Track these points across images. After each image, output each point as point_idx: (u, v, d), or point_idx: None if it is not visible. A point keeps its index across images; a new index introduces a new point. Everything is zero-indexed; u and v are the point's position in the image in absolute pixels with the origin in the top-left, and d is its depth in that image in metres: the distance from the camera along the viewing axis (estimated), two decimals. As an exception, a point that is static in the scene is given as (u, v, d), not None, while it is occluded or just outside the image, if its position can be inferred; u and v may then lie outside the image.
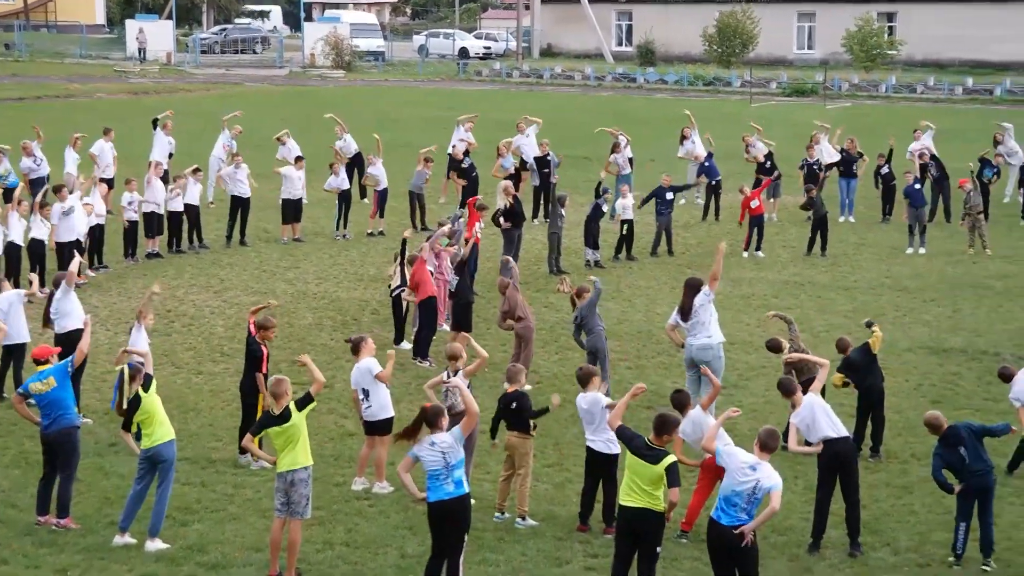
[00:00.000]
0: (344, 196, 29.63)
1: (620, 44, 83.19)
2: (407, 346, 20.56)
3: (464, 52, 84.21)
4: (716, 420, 12.94)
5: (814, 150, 32.15)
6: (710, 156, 32.06)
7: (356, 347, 15.16)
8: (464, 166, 31.21)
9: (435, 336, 20.42)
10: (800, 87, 65.72)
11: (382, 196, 29.78)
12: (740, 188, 28.61)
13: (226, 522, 14.11)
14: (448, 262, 21.22)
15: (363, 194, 32.39)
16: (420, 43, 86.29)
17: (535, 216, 30.80)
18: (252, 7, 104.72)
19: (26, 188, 27.60)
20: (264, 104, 54.95)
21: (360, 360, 15.03)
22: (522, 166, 32.17)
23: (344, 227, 29.63)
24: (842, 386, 16.41)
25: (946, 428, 13.47)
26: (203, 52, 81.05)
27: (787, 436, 14.21)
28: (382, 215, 29.93)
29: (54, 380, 13.88)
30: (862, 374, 16.22)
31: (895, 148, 32.01)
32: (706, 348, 17.06)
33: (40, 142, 29.98)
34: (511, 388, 14.42)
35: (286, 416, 12.62)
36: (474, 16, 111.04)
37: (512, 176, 30.25)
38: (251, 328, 15.82)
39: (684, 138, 33.56)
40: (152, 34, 77.07)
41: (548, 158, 31.20)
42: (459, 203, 29.38)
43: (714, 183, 31.81)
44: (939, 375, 19.92)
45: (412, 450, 12.19)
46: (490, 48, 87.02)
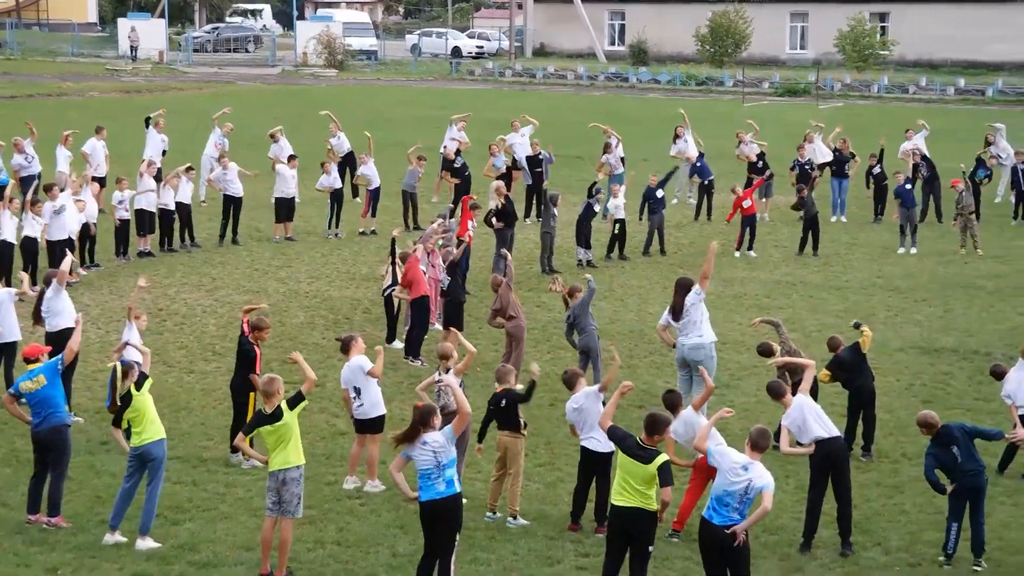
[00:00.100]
0: (336, 195, 29.61)
1: (613, 44, 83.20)
2: (399, 345, 20.55)
3: (457, 51, 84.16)
4: (708, 420, 12.95)
5: (804, 150, 32.17)
6: (701, 156, 32.09)
7: (346, 346, 15.17)
8: (456, 165, 31.20)
9: (427, 335, 20.42)
10: (792, 87, 65.77)
11: (374, 195, 29.76)
12: (732, 188, 28.59)
13: (217, 521, 14.10)
14: (440, 261, 21.23)
15: (355, 193, 32.37)
16: (413, 42, 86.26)
17: (527, 215, 30.79)
18: (243, 5, 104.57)
19: (16, 186, 27.57)
20: (256, 103, 54.90)
21: (350, 359, 15.04)
22: (514, 165, 32.15)
23: (336, 226, 29.61)
24: (828, 381, 16.41)
25: (940, 427, 13.48)
26: (195, 51, 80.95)
27: (779, 437, 14.23)
28: (374, 214, 29.92)
29: (44, 378, 13.87)
30: (852, 374, 16.24)
31: (886, 148, 32.03)
32: (698, 348, 17.09)
33: (34, 139, 29.89)
34: (500, 388, 14.45)
35: (278, 415, 12.62)
36: (467, 15, 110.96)
37: (503, 175, 30.24)
38: (244, 327, 15.80)
39: (677, 137, 33.57)
40: (144, 33, 77.00)
41: (540, 157, 31.19)
42: (452, 202, 29.42)
43: (706, 183, 31.82)
44: (930, 375, 19.94)
45: (404, 450, 12.20)
46: (483, 47, 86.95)
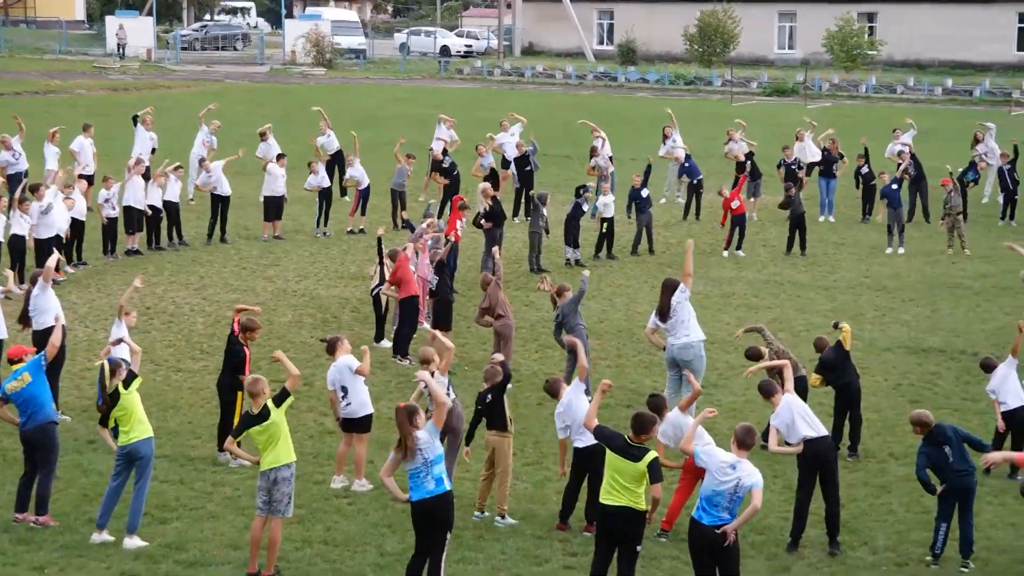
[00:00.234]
0: (325, 194, 29.58)
1: (601, 43, 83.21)
2: (387, 344, 20.54)
3: (445, 50, 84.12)
4: (693, 423, 12.89)
5: (790, 151, 32.23)
6: (689, 157, 32.10)
7: (332, 347, 15.15)
8: (445, 165, 31.14)
9: (415, 335, 20.40)
10: (781, 87, 65.83)
11: (364, 194, 29.72)
12: (719, 191, 28.50)
13: (205, 520, 14.08)
14: (428, 260, 21.20)
15: (343, 192, 32.31)
16: (401, 41, 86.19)
17: (515, 215, 30.78)
18: (230, 3, 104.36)
19: (3, 183, 27.48)
20: (245, 101, 54.81)
21: (336, 359, 15.02)
22: (503, 165, 32.15)
23: (324, 224, 29.58)
24: (821, 385, 16.48)
25: (933, 427, 13.49)
26: (183, 49, 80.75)
27: (767, 437, 14.24)
28: (364, 213, 29.89)
29: (29, 375, 13.83)
30: (837, 372, 16.28)
31: (870, 148, 32.02)
32: (687, 347, 17.06)
33: (22, 135, 29.75)
34: (486, 387, 14.47)
35: (265, 415, 12.61)
36: (455, 14, 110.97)
37: (491, 176, 30.22)
38: (234, 327, 15.77)
39: (666, 137, 33.60)
40: (132, 30, 76.78)
41: (527, 153, 31.17)
42: (441, 201, 29.40)
43: (695, 182, 31.84)
44: (918, 375, 19.97)
45: (392, 454, 12.15)
46: (471, 46, 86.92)
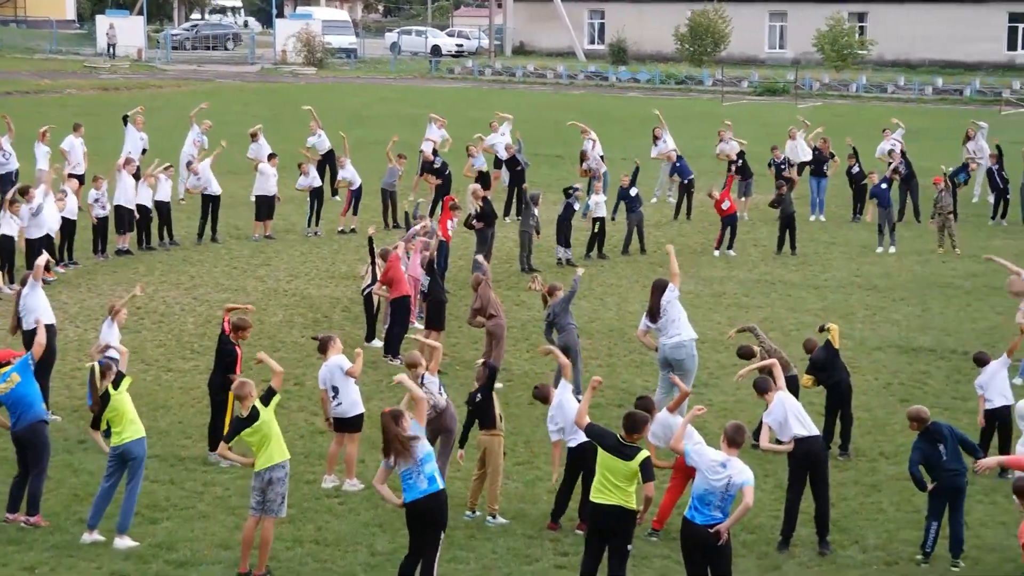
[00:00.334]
0: (316, 193, 29.56)
1: (592, 42, 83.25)
2: (378, 344, 20.53)
3: (436, 50, 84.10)
4: (682, 421, 12.88)
5: (778, 151, 32.28)
6: (680, 157, 32.10)
7: (323, 346, 15.13)
8: (436, 165, 31.11)
9: (406, 334, 20.39)
10: (771, 86, 65.91)
11: (356, 194, 29.70)
12: (709, 192, 28.41)
13: (195, 520, 14.07)
14: (419, 261, 21.19)
15: (335, 192, 32.29)
16: (392, 40, 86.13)
17: (506, 214, 30.77)
18: (220, 2, 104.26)
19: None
20: (235, 101, 54.75)
21: (328, 358, 15.01)
22: (495, 165, 32.15)
23: (316, 224, 29.56)
24: (813, 386, 16.50)
25: (929, 423, 13.50)
26: (174, 48, 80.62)
27: (759, 435, 14.23)
28: (356, 212, 29.87)
29: (17, 376, 13.78)
30: (827, 372, 16.30)
31: (858, 148, 32.01)
32: (679, 346, 17.01)
33: (11, 135, 29.68)
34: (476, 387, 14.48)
35: (254, 416, 12.61)
36: (446, 13, 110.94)
37: (482, 176, 30.21)
38: (225, 326, 15.75)
39: (656, 138, 33.61)
40: (123, 30, 76.66)
41: (517, 156, 31.17)
42: (432, 201, 29.39)
43: (686, 182, 31.85)
44: (908, 374, 20.00)
45: (384, 461, 12.11)
46: (462, 46, 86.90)
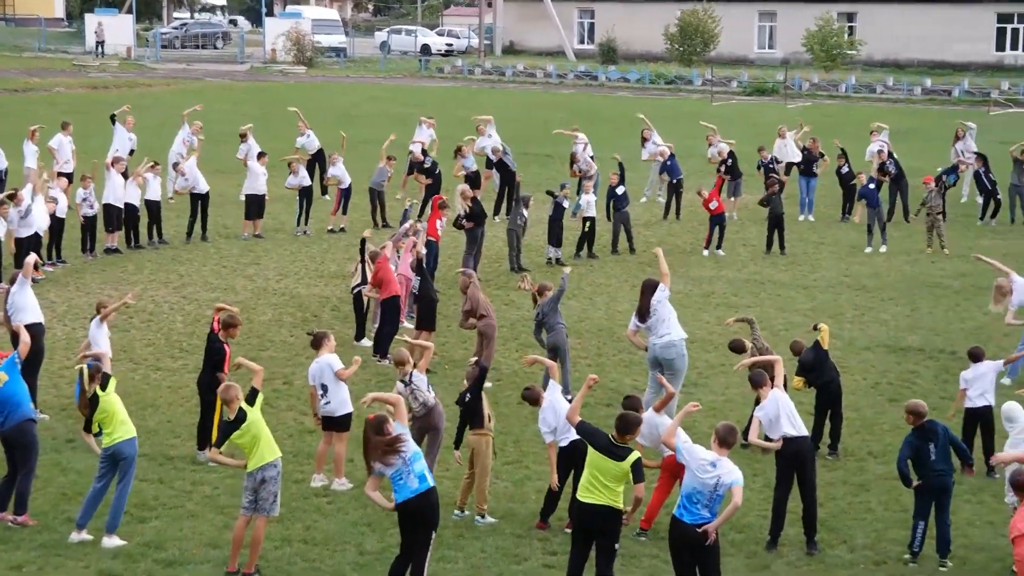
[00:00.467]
0: (305, 192, 29.54)
1: (582, 42, 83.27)
2: (367, 343, 20.53)
3: (426, 49, 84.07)
4: (676, 417, 12.93)
5: (766, 152, 32.34)
6: (672, 156, 32.13)
7: (317, 341, 15.11)
8: (427, 165, 31.10)
9: (396, 334, 20.38)
10: (761, 86, 65.95)
11: (345, 193, 29.69)
12: (698, 191, 28.53)
13: (184, 519, 14.06)
14: (410, 258, 21.19)
15: (324, 190, 32.28)
16: (382, 39, 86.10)
17: (496, 214, 30.76)
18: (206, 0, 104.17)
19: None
20: (225, 100, 54.66)
21: (321, 355, 14.99)
22: (487, 165, 32.16)
23: (305, 223, 29.54)
24: (803, 387, 16.50)
25: (926, 420, 13.52)
26: (163, 47, 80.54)
27: (747, 430, 14.25)
28: (345, 212, 29.86)
29: (4, 375, 13.74)
30: (817, 372, 16.31)
31: (847, 149, 32.07)
32: (669, 345, 16.93)
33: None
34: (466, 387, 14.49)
35: (242, 417, 12.62)
36: (436, 13, 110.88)
37: (472, 177, 30.19)
38: (215, 325, 15.73)
39: (645, 140, 33.63)
40: (112, 28, 76.54)
41: (504, 159, 31.16)
42: (422, 201, 29.38)
43: (675, 181, 31.87)
44: (896, 373, 20.04)
45: (375, 468, 12.09)
46: (452, 45, 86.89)
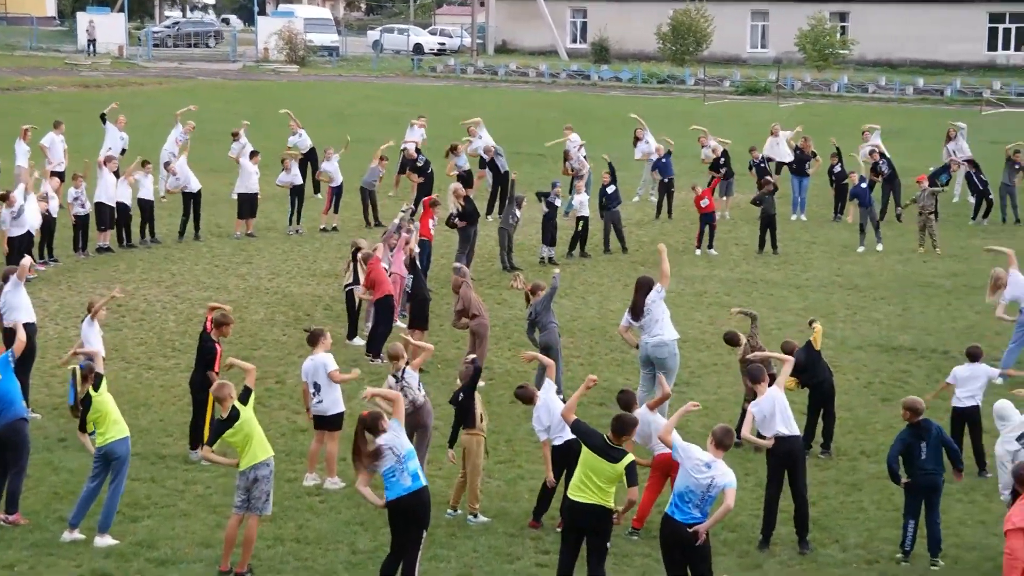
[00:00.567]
0: (297, 191, 29.53)
1: (575, 41, 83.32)
2: (360, 342, 20.52)
3: (419, 48, 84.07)
4: (674, 414, 12.88)
5: (757, 152, 32.38)
6: (668, 154, 32.12)
7: (314, 339, 15.09)
8: (420, 164, 31.12)
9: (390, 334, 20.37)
10: (753, 86, 66.02)
11: (336, 192, 29.70)
12: (692, 187, 28.65)
13: (176, 518, 14.05)
14: (403, 256, 21.17)
15: (316, 189, 32.29)
16: (374, 38, 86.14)
17: (489, 213, 30.77)
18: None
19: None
20: (217, 98, 54.60)
21: (315, 353, 14.97)
22: (480, 165, 32.18)
23: (297, 222, 29.53)
24: (796, 387, 16.50)
25: (922, 419, 13.52)
26: (155, 46, 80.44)
27: (740, 426, 14.26)
28: (336, 210, 29.86)
29: (-2, 374, 13.76)
30: (809, 372, 16.33)
31: (840, 147, 32.11)
32: (661, 345, 17.00)
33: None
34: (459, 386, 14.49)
35: (234, 416, 12.60)
36: (429, 12, 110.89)
37: (465, 176, 30.19)
38: (207, 324, 15.70)
39: (638, 139, 33.65)
40: (104, 27, 76.39)
41: (496, 160, 31.17)
42: (414, 199, 29.37)
43: (666, 181, 31.88)
44: (888, 372, 20.06)
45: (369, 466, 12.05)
46: (445, 44, 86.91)
